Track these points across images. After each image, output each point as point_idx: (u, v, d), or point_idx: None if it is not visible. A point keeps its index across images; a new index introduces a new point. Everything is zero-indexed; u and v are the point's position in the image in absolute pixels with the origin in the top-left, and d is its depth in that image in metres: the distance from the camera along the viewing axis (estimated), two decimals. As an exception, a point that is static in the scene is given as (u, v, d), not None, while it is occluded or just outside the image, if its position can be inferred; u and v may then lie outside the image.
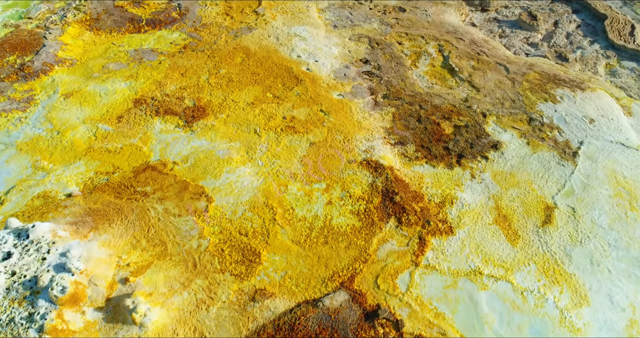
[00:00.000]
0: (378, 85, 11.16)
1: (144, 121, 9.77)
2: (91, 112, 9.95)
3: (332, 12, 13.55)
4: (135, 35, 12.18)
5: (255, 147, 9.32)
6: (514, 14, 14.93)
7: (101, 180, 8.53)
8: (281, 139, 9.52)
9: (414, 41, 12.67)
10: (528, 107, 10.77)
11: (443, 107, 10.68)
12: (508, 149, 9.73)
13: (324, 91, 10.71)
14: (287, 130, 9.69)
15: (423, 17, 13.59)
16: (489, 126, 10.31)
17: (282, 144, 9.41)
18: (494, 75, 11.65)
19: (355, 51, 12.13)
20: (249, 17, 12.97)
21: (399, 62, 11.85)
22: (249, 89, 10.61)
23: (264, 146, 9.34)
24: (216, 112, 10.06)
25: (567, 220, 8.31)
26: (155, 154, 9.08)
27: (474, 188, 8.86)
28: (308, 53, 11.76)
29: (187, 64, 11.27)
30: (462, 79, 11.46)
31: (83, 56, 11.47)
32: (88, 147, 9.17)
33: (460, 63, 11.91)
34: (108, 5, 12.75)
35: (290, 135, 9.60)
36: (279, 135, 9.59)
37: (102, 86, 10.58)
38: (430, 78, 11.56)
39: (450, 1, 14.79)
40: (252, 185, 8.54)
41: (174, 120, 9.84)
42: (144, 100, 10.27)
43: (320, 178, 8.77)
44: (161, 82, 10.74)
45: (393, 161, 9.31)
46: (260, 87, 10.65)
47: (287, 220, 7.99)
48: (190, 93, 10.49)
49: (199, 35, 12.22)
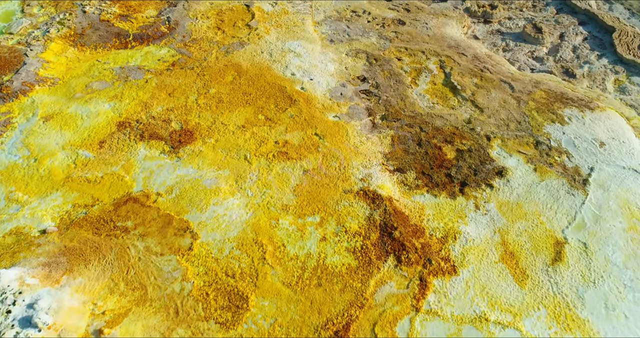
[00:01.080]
0: (376, 105, 10.60)
1: (128, 147, 9.20)
2: (72, 137, 9.38)
3: (328, 25, 12.99)
4: (121, 51, 11.62)
5: (245, 175, 8.76)
6: (517, 26, 14.37)
7: (79, 214, 7.97)
8: (273, 166, 8.95)
9: (414, 56, 12.11)
10: (535, 129, 10.20)
11: (445, 129, 10.11)
12: (514, 176, 9.16)
13: (319, 112, 10.15)
14: (279, 157, 9.13)
15: (423, 31, 13.02)
16: (494, 150, 9.74)
17: (273, 171, 8.85)
18: (499, 94, 11.08)
19: (352, 68, 11.57)
20: (241, 32, 12.40)
21: (398, 80, 11.28)
22: (240, 110, 10.05)
23: (255, 174, 8.78)
24: (204, 136, 9.49)
25: (578, 258, 7.75)
26: (138, 183, 8.51)
27: (479, 221, 8.30)
28: (303, 70, 11.19)
29: (175, 82, 10.70)
30: (464, 98, 10.89)
31: (66, 74, 10.90)
32: (66, 176, 8.60)
33: (463, 81, 11.35)
34: (94, 19, 12.19)
35: (283, 161, 9.04)
36: (271, 162, 9.02)
37: (84, 108, 10.01)
38: (432, 97, 11.00)
39: (452, 13, 14.24)
40: (241, 219, 7.97)
41: (160, 145, 9.27)
42: (128, 123, 9.70)
43: (314, 211, 8.21)
44: (147, 102, 10.18)
45: (392, 190, 8.74)
46: (252, 108, 10.09)
47: (277, 259, 7.42)
48: (178, 115, 9.93)
49: (189, 51, 11.65)
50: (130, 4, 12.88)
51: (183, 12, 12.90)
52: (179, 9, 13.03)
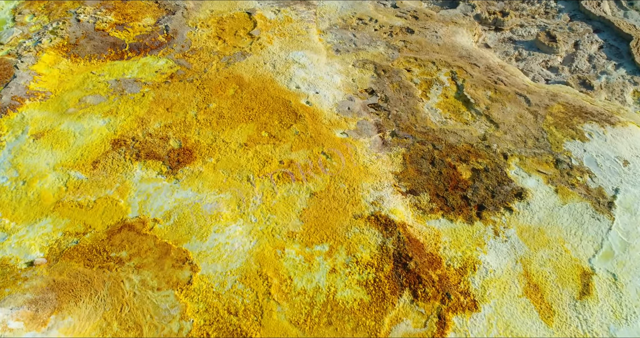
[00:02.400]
0: (386, 120, 10.04)
1: (123, 167, 8.64)
2: (63, 157, 8.82)
3: (334, 34, 12.43)
4: (117, 63, 11.05)
5: (248, 198, 8.19)
6: (530, 33, 13.83)
7: (70, 243, 7.40)
8: (278, 188, 8.39)
9: (424, 67, 11.55)
10: (554, 146, 9.64)
11: (459, 146, 9.56)
12: (534, 199, 8.60)
13: (326, 129, 9.59)
14: (284, 178, 8.57)
15: (433, 40, 12.46)
16: (512, 169, 9.18)
17: (278, 194, 8.29)
18: (514, 107, 10.52)
19: (359, 80, 11.01)
20: (243, 41, 11.84)
21: (408, 93, 10.73)
22: (242, 126, 9.49)
23: (258, 198, 8.22)
24: (204, 155, 8.93)
25: (608, 291, 7.19)
26: (133, 209, 7.94)
27: (499, 249, 7.75)
28: (308, 83, 10.63)
29: (173, 96, 10.14)
30: (478, 112, 10.33)
31: (58, 88, 10.34)
32: (57, 201, 8.03)
33: (476, 93, 10.79)
34: (88, 28, 11.63)
35: (288, 183, 8.48)
36: (276, 184, 8.46)
37: (77, 124, 9.44)
38: (444, 111, 10.44)
39: (462, 20, 13.68)
40: (244, 248, 7.41)
41: (157, 165, 8.71)
42: (123, 141, 9.14)
43: (322, 239, 7.65)
44: (144, 118, 9.62)
45: (405, 215, 8.18)
46: (255, 125, 9.53)
47: (284, 293, 6.86)
48: (176, 132, 9.37)
49: (188, 63, 11.09)
50: (127, 11, 12.32)
51: (182, 21, 12.35)
52: (178, 17, 12.48)
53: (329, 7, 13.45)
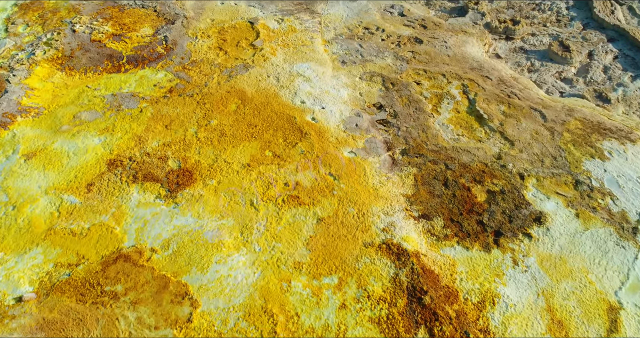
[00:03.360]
0: (395, 137, 9.58)
1: (119, 190, 8.17)
2: (56, 179, 8.35)
3: (339, 44, 11.96)
4: (114, 76, 10.58)
5: (252, 225, 7.73)
6: (542, 42, 13.37)
7: (62, 276, 6.93)
8: (283, 213, 7.92)
9: (434, 80, 11.08)
10: (572, 166, 9.18)
11: (473, 166, 9.09)
12: (554, 223, 8.14)
13: (333, 147, 9.13)
14: (289, 202, 8.10)
15: (442, 50, 11.99)
16: (529, 191, 8.71)
17: (283, 220, 7.82)
18: (529, 123, 10.05)
19: (367, 93, 10.54)
20: (245, 52, 11.37)
21: (418, 108, 10.26)
22: (245, 145, 9.02)
23: (262, 224, 7.75)
24: (205, 176, 8.46)
25: (637, 328, 6.73)
26: (129, 236, 7.48)
27: (519, 281, 7.28)
28: (313, 97, 10.16)
29: (172, 112, 9.67)
30: (492, 128, 9.86)
31: (52, 103, 9.87)
32: (49, 228, 7.56)
33: (489, 108, 10.32)
34: (84, 39, 11.16)
35: (294, 208, 8.01)
36: (280, 209, 7.99)
37: (71, 143, 8.98)
38: (456, 127, 9.97)
39: (472, 29, 13.21)
40: (248, 281, 6.94)
41: (155, 188, 8.24)
42: (119, 161, 8.67)
43: (331, 270, 7.18)
44: (141, 136, 9.15)
45: (418, 242, 7.71)
46: (258, 143, 9.07)
47: (290, 332, 6.39)
48: (175, 151, 8.90)
49: (188, 76, 10.62)
50: (125, 21, 11.85)
51: (182, 31, 11.88)
52: (177, 26, 12.02)
53: (334, 16, 12.99)
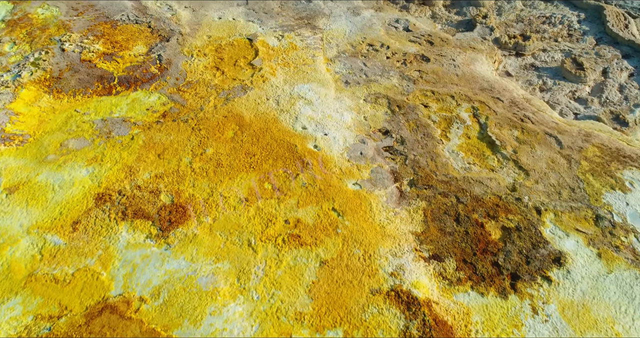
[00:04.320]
0: (402, 166, 9.01)
1: (107, 229, 7.60)
2: (39, 216, 7.78)
3: (342, 62, 11.39)
4: (104, 99, 10.01)
5: (249, 269, 7.15)
6: (554, 59, 12.81)
7: (41, 331, 6.35)
8: (283, 255, 7.35)
9: (442, 102, 10.51)
10: (592, 199, 8.60)
11: (486, 199, 8.52)
12: (575, 265, 7.56)
13: (336, 179, 8.55)
14: (290, 242, 7.53)
15: (451, 69, 11.42)
16: (547, 228, 8.14)
17: (284, 263, 7.25)
18: (544, 151, 9.48)
19: (372, 117, 9.97)
20: (243, 72, 10.80)
21: (426, 133, 9.69)
22: (243, 176, 8.45)
23: (261, 268, 7.18)
24: (200, 213, 7.89)
25: (671, 389, 6.17)
26: (117, 284, 6.90)
27: (539, 332, 6.71)
28: (315, 123, 9.60)
29: (165, 140, 9.11)
30: (505, 156, 9.30)
31: (38, 130, 9.30)
32: (29, 274, 6.99)
33: (502, 134, 9.75)
34: (73, 59, 10.59)
35: (295, 249, 7.44)
36: (280, 250, 7.42)
37: (57, 175, 8.41)
38: (466, 155, 9.40)
39: (480, 45, 12.64)
40: (245, 335, 6.37)
41: (146, 226, 7.67)
42: (108, 195, 8.10)
43: (335, 321, 6.61)
44: (132, 167, 8.58)
45: (429, 288, 7.13)
46: (257, 174, 8.50)
47: (291, 397, 5.82)
48: (168, 184, 8.33)
49: (182, 98, 10.06)
50: (117, 39, 11.29)
51: (177, 49, 11.31)
52: (172, 44, 11.45)
53: (336, 32, 12.43)
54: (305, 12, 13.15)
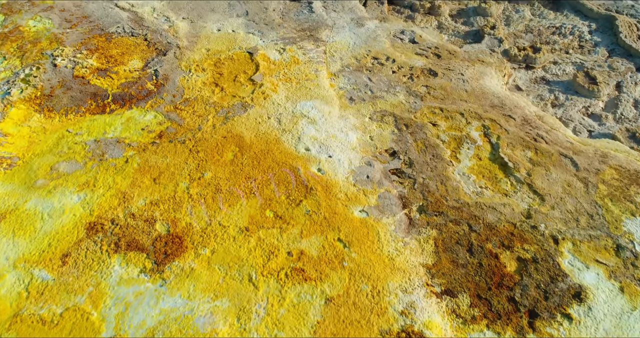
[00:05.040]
0: (411, 191, 8.56)
1: (98, 263, 7.15)
2: (27, 248, 7.32)
3: (346, 77, 10.94)
4: (97, 118, 9.56)
5: (250, 307, 6.70)
6: (565, 72, 12.36)
7: (26, 379, 5.91)
8: (286, 291, 6.90)
9: (451, 120, 10.06)
10: (612, 226, 8.16)
11: (499, 227, 8.07)
12: (597, 301, 7.11)
13: (342, 206, 8.10)
14: (293, 276, 7.07)
15: (459, 84, 10.97)
16: (565, 258, 7.68)
17: (287, 300, 6.79)
18: (560, 173, 9.02)
19: (378, 137, 9.52)
20: (243, 89, 10.35)
21: (435, 154, 9.24)
22: (243, 203, 8.00)
23: (262, 306, 6.72)
24: (197, 244, 7.44)
25: None
26: (108, 325, 6.44)
27: (561, 378, 6.28)
28: (319, 144, 9.14)
29: (161, 163, 8.65)
30: (519, 179, 8.85)
31: (27, 152, 8.85)
32: (15, 314, 6.53)
33: (514, 155, 9.30)
34: (65, 75, 10.13)
35: (299, 284, 6.98)
36: (283, 286, 6.97)
37: (46, 202, 7.95)
38: (478, 178, 8.95)
39: (489, 58, 12.19)
40: (245, 384, 5.92)
41: (140, 259, 7.21)
42: (100, 225, 7.65)
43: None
44: (126, 193, 8.13)
45: (442, 328, 6.68)
46: (258, 201, 8.04)
47: None
48: (164, 211, 7.88)
49: (180, 117, 9.60)
50: (112, 53, 10.84)
51: (174, 63, 10.86)
52: (169, 58, 11.00)
53: (339, 44, 11.98)
54: (307, 23, 12.70)
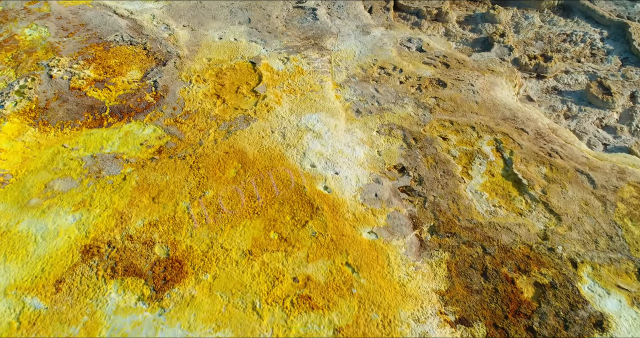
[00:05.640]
0: (422, 210, 8.19)
1: (94, 290, 6.78)
2: (19, 273, 6.96)
3: (352, 88, 10.57)
4: (94, 132, 9.20)
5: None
6: (577, 81, 11.99)
7: None
8: (292, 321, 6.53)
9: (462, 134, 9.69)
10: (632, 248, 7.78)
11: (515, 249, 7.70)
12: (619, 330, 6.73)
13: (350, 227, 7.74)
14: (300, 304, 6.70)
15: (469, 96, 10.60)
16: (584, 284, 7.31)
17: (293, 331, 6.42)
18: (576, 191, 8.65)
19: (386, 152, 9.16)
20: (245, 101, 9.99)
21: (446, 170, 8.87)
22: (246, 224, 7.64)
23: (267, 337, 6.35)
24: (198, 269, 7.07)
25: None
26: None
27: None
28: (325, 160, 8.78)
29: (161, 180, 8.29)
30: (534, 197, 8.48)
31: (21, 168, 8.49)
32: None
33: (528, 171, 8.93)
34: (61, 86, 9.77)
35: (305, 313, 6.61)
36: (289, 315, 6.60)
37: (40, 223, 7.59)
38: (491, 195, 8.58)
39: (499, 67, 11.82)
40: None
41: (137, 286, 6.85)
42: (97, 248, 7.28)
43: None
44: (124, 213, 7.76)
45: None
46: (261, 221, 7.68)
47: None
48: (163, 233, 7.52)
49: (180, 131, 9.25)
50: (110, 63, 10.48)
51: (174, 74, 10.50)
52: (169, 68, 10.65)
53: (345, 53, 11.61)
54: (311, 31, 12.34)
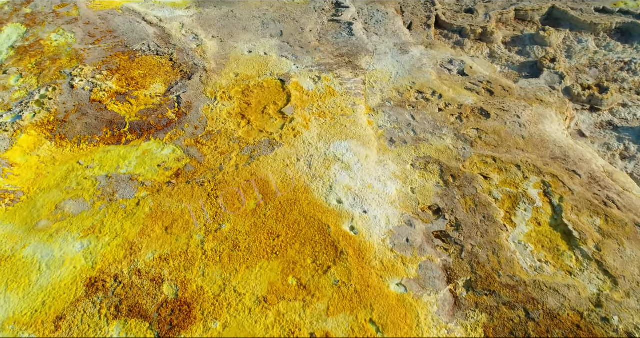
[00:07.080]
0: (457, 260, 7.38)
1: (95, 330, 6.27)
2: (18, 305, 6.52)
3: (387, 114, 9.81)
4: (112, 149, 8.75)
5: None
6: (636, 117, 10.87)
7: None
8: (306, 386, 5.84)
9: (505, 173, 8.80)
10: (702, 325, 6.77)
11: (563, 315, 6.81)
12: None
13: (376, 276, 7.00)
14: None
15: (515, 129, 9.68)
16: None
17: (307, 399, 5.74)
18: (636, 249, 7.67)
19: (421, 190, 8.37)
20: (272, 123, 9.36)
21: (486, 215, 8.02)
22: (263, 265, 7.00)
23: None
24: (208, 314, 6.47)
25: None
26: None
27: None
28: (353, 195, 8.06)
29: (176, 208, 7.74)
30: (586, 254, 7.55)
31: (33, 185, 8.10)
32: (-5, 392, 5.72)
33: (580, 222, 7.98)
34: (82, 98, 9.37)
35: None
36: (303, 378, 5.91)
37: (46, 248, 7.15)
38: (537, 248, 7.69)
39: (548, 97, 10.83)
40: None
41: (141, 330, 6.30)
42: (102, 281, 6.78)
43: None
44: (134, 243, 7.25)
45: None
46: (280, 263, 7.02)
47: None
48: (174, 269, 6.96)
49: (200, 153, 8.70)
50: (133, 74, 10.02)
51: (199, 89, 9.97)
52: (195, 82, 10.13)
53: (380, 74, 10.84)
54: (346, 47, 11.62)
